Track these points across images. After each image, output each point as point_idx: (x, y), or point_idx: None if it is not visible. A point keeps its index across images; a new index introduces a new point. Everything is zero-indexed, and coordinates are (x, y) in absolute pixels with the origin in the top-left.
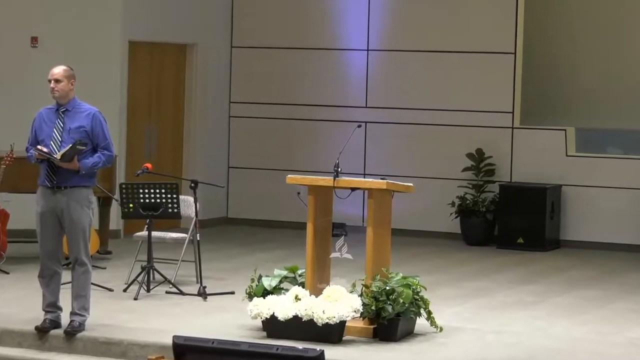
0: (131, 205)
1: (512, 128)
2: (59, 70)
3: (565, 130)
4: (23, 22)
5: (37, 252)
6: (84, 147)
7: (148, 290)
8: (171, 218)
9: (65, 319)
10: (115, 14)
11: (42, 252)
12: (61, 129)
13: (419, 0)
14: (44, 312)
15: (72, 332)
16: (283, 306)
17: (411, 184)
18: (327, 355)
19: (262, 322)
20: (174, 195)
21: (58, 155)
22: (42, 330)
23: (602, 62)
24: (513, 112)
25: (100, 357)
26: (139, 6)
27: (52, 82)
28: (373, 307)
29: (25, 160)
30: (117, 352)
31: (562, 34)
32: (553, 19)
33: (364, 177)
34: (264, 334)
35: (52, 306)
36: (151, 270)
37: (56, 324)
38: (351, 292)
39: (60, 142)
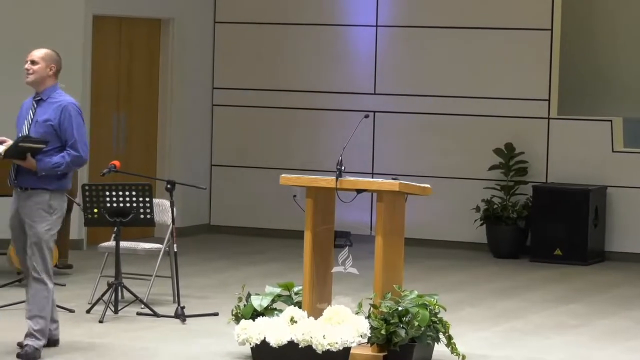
0: (96, 210)
1: (548, 119)
2: (39, 52)
3: (611, 121)
4: None
5: None
6: (41, 146)
7: (116, 312)
8: (144, 225)
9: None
10: None
11: (19, 259)
12: (30, 121)
13: None
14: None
15: (24, 359)
16: (276, 330)
17: (428, 185)
18: None
19: (252, 348)
20: (147, 199)
21: (2, 151)
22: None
23: None
24: (549, 100)
25: None
26: None
27: (28, 62)
28: (383, 331)
29: None
30: None
31: (609, 7)
32: None
33: (372, 177)
34: None
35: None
36: (119, 288)
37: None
38: (357, 313)
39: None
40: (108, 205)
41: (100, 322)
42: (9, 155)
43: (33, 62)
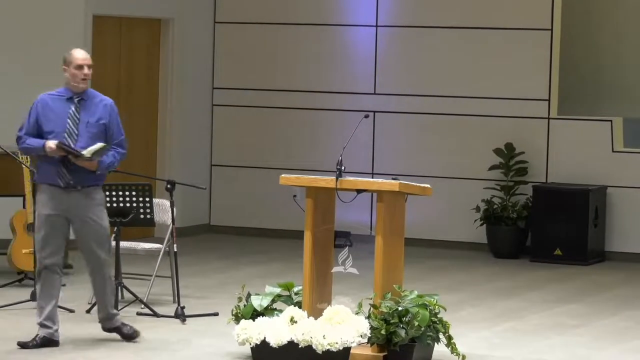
0: None
1: (548, 119)
2: (88, 55)
3: (611, 121)
4: None
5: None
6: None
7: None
8: (144, 226)
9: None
10: None
11: (44, 256)
12: (77, 121)
13: None
14: (38, 326)
15: (135, 335)
16: (276, 330)
17: (428, 185)
18: None
19: (252, 349)
20: (147, 199)
21: (88, 153)
22: (27, 347)
23: None
24: (549, 100)
25: None
26: None
27: (86, 68)
28: (383, 332)
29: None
30: None
31: (608, 8)
32: None
33: (372, 177)
34: None
35: (49, 320)
36: (119, 288)
37: (49, 341)
38: (357, 313)
39: (77, 135)
40: (108, 205)
41: (100, 322)
42: (92, 159)
43: (90, 67)
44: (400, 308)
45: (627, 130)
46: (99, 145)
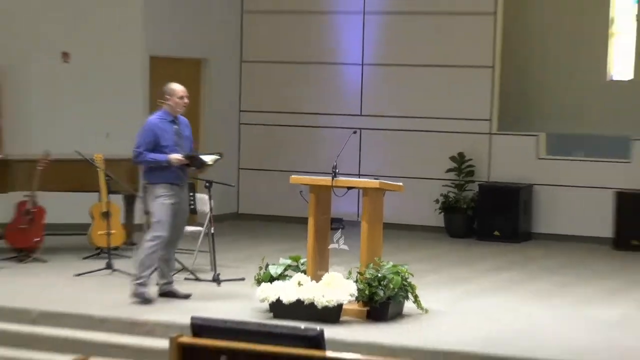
0: None
1: (490, 134)
2: (185, 89)
3: (537, 135)
4: (56, 39)
5: (73, 244)
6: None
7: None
8: (189, 214)
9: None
10: (138, 32)
11: (167, 235)
12: (181, 137)
13: (408, 20)
14: (161, 284)
15: (187, 296)
16: (287, 291)
17: (401, 184)
18: (326, 334)
19: (269, 305)
20: (191, 194)
21: (211, 162)
22: (168, 295)
23: (570, 75)
24: (491, 120)
25: (126, 335)
26: (159, 25)
27: (185, 98)
28: (367, 292)
29: (57, 163)
30: (143, 332)
31: (536, 51)
32: (528, 37)
33: (359, 178)
34: (271, 315)
35: (165, 277)
36: None
37: (172, 294)
38: (347, 278)
39: (182, 147)
40: None
41: (157, 284)
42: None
43: (188, 97)
44: (379, 275)
45: (548, 143)
46: (215, 156)
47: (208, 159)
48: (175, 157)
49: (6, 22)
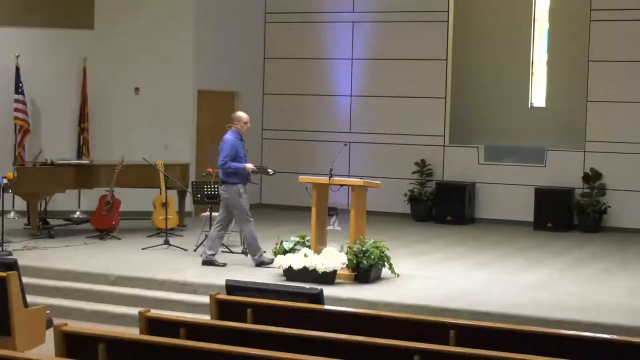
0: (199, 195)
1: (444, 146)
2: (248, 116)
3: (477, 147)
4: (130, 76)
5: (140, 226)
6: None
7: None
8: None
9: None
10: (189, 71)
11: (250, 215)
12: (246, 151)
13: (384, 64)
14: (208, 254)
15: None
16: (296, 261)
17: (379, 182)
18: (324, 292)
19: (283, 270)
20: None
21: (272, 171)
22: (211, 264)
23: (502, 103)
24: (444, 136)
25: (179, 293)
26: (203, 64)
27: (249, 123)
28: (354, 261)
29: (129, 166)
30: (190, 290)
31: (477, 86)
32: (471, 76)
33: (349, 178)
34: (284, 278)
35: (214, 250)
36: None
37: (213, 263)
38: (340, 251)
39: (247, 159)
40: (205, 192)
41: (201, 256)
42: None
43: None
44: (364, 248)
45: (486, 152)
46: (271, 171)
47: (270, 171)
48: (250, 166)
49: (100, 69)
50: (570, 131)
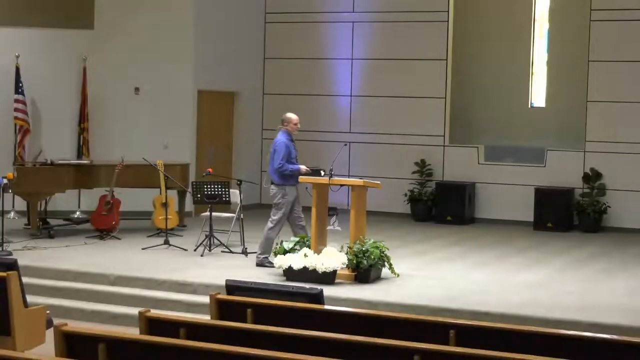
0: (199, 195)
1: (444, 146)
2: (298, 117)
3: (477, 147)
4: (130, 77)
5: (140, 226)
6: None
7: (210, 250)
8: (224, 204)
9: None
10: (189, 71)
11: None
12: (297, 152)
13: (384, 64)
14: (268, 257)
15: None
16: (296, 261)
17: (379, 182)
18: (324, 292)
19: (283, 270)
20: (226, 189)
21: (324, 174)
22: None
23: (501, 103)
24: (444, 136)
25: (179, 293)
26: (203, 64)
27: (299, 124)
28: (354, 261)
29: (129, 166)
30: (190, 290)
31: (477, 86)
32: (471, 77)
33: (349, 178)
34: (284, 278)
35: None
36: (211, 237)
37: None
38: (340, 251)
39: (297, 159)
40: (206, 192)
41: (201, 256)
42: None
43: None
44: (363, 248)
45: (486, 152)
46: (323, 173)
47: (322, 172)
48: (305, 168)
49: (100, 69)
50: (570, 131)
